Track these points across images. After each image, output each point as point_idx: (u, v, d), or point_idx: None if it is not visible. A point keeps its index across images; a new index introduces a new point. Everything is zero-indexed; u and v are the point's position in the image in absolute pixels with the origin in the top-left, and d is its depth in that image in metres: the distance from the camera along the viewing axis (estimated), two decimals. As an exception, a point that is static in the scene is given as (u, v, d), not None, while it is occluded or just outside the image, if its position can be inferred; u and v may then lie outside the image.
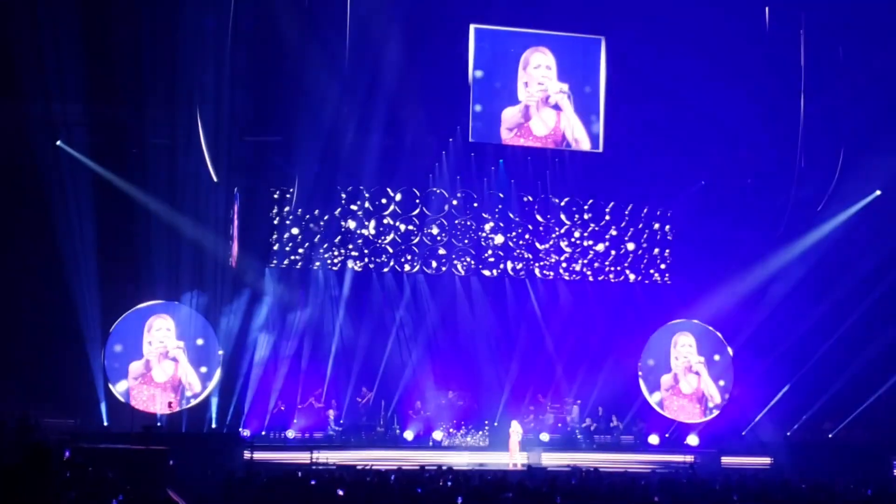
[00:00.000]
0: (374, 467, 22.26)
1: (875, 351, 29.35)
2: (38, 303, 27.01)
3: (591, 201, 31.53)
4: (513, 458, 26.86)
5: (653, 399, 30.59)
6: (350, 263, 29.97)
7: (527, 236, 31.21)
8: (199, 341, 27.83)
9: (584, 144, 30.39)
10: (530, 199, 31.25)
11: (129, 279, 27.41)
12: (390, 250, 30.29)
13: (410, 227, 30.44)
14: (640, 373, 30.77)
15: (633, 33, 29.33)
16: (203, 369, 27.81)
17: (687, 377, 30.91)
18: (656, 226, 31.99)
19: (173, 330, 27.83)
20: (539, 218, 31.31)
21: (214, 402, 27.87)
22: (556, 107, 30.11)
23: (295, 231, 29.62)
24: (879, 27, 28.77)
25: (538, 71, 30.18)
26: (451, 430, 28.93)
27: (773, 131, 30.78)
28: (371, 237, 30.22)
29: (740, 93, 29.43)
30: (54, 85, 25.15)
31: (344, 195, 29.90)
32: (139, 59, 25.42)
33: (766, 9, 29.30)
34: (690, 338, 31.24)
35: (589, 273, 31.62)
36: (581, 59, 30.56)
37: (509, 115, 29.96)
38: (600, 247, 31.63)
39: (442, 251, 30.64)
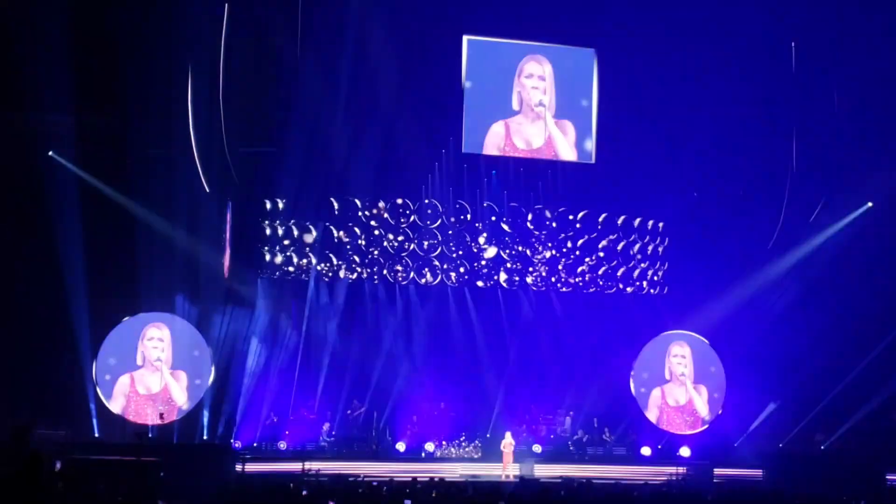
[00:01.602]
0: (365, 479, 22.22)
1: (868, 362, 29.39)
2: (29, 313, 26.91)
3: (583, 213, 31.52)
4: (506, 469, 26.82)
5: (650, 414, 30.50)
6: (342, 274, 29.95)
7: (519, 247, 31.20)
8: (196, 352, 27.76)
9: (570, 155, 30.44)
10: (523, 210, 31.24)
11: (120, 290, 27.32)
12: (382, 261, 30.26)
13: (402, 238, 30.41)
14: (632, 383, 30.70)
15: (625, 45, 29.42)
16: (196, 381, 27.73)
17: (677, 388, 30.86)
18: (648, 237, 32.00)
19: (167, 340, 27.72)
20: (532, 229, 31.29)
21: (206, 413, 27.78)
22: (544, 117, 30.24)
23: (287, 242, 29.59)
24: (872, 39, 28.86)
25: (530, 80, 30.24)
26: (443, 441, 28.87)
27: (766, 143, 30.87)
28: (363, 248, 30.19)
29: (733, 104, 29.51)
30: (46, 96, 25.13)
31: (337, 206, 29.87)
32: (132, 70, 25.41)
33: (759, 22, 29.43)
34: (685, 348, 31.11)
35: (582, 284, 31.61)
36: (574, 71, 30.63)
37: (500, 126, 30.01)
38: (593, 258, 31.62)
39: (435, 262, 30.63)
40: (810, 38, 29.84)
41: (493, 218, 31.01)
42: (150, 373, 27.54)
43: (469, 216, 30.86)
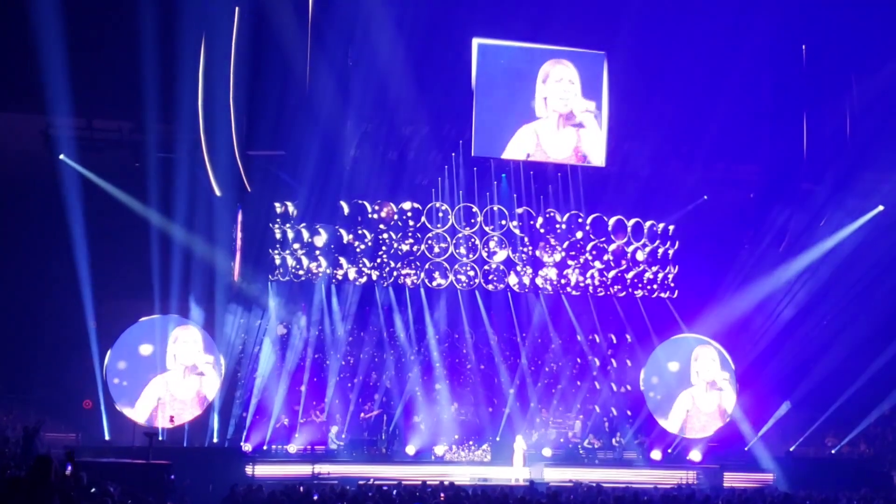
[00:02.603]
0: (375, 482, 22.24)
1: (878, 366, 29.33)
2: (39, 316, 27.03)
3: (594, 216, 31.44)
4: (516, 472, 26.78)
5: (675, 419, 30.36)
6: (352, 277, 29.93)
7: (529, 250, 31.12)
8: (210, 356, 27.84)
9: (599, 160, 30.45)
10: (533, 213, 31.20)
11: (130, 293, 27.39)
12: (393, 264, 30.21)
13: (412, 242, 30.35)
14: (641, 386, 30.67)
15: (635, 48, 29.38)
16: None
17: (706, 392, 30.58)
18: (658, 240, 31.90)
19: (199, 341, 27.67)
20: (542, 232, 31.23)
21: (216, 416, 27.81)
22: (580, 124, 30.18)
23: (297, 245, 29.58)
24: (882, 40, 28.80)
25: (560, 85, 30.18)
26: (453, 444, 28.83)
27: (777, 146, 30.83)
28: (373, 251, 30.14)
29: (743, 107, 29.50)
30: (57, 100, 25.20)
31: (347, 209, 29.86)
32: (142, 73, 25.47)
33: (769, 25, 29.39)
34: (713, 351, 30.90)
35: (591, 288, 31.50)
36: (584, 74, 30.63)
37: (529, 131, 30.03)
38: (603, 261, 31.48)
39: (445, 265, 30.57)
40: (820, 41, 29.77)
41: (504, 222, 30.95)
42: (183, 375, 27.48)
43: (479, 219, 30.81)
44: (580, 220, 31.39)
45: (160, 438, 25.37)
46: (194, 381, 27.53)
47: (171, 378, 27.39)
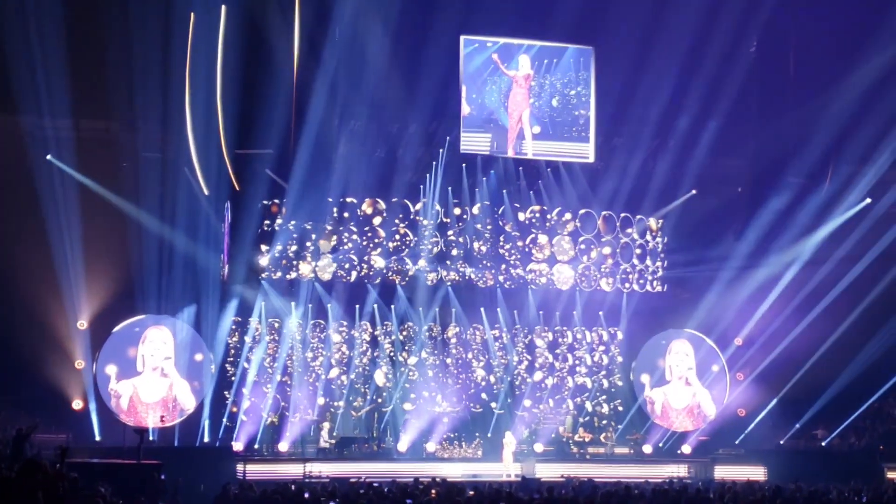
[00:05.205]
0: (367, 480, 22.23)
1: (867, 359, 29.44)
2: (29, 317, 26.92)
3: (582, 211, 31.43)
4: (507, 468, 26.80)
5: (654, 415, 30.60)
6: (342, 274, 29.84)
7: (519, 244, 31.03)
8: (199, 357, 27.77)
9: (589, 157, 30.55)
10: (523, 209, 31.14)
11: (119, 293, 27.34)
12: (382, 261, 30.11)
13: (401, 238, 30.28)
14: (631, 377, 30.84)
15: (623, 43, 29.39)
16: (196, 384, 27.74)
17: (680, 389, 30.84)
18: (648, 235, 31.91)
19: (170, 342, 27.68)
20: (531, 228, 31.18)
21: (206, 415, 27.76)
22: (540, 120, 30.39)
23: (286, 243, 29.45)
24: (869, 38, 28.85)
25: (516, 83, 30.39)
26: (444, 441, 28.81)
27: (764, 140, 30.87)
28: (363, 248, 30.05)
29: (730, 102, 29.55)
30: (45, 100, 25.14)
31: (335, 207, 29.77)
32: (130, 73, 25.42)
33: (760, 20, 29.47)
34: (687, 346, 31.13)
35: (582, 282, 31.46)
36: (572, 69, 30.68)
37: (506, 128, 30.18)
38: (593, 254, 31.42)
39: (434, 261, 30.50)
40: (808, 36, 29.82)
41: (491, 219, 30.86)
42: (153, 377, 27.45)
43: (468, 216, 30.75)
44: (569, 216, 31.34)
45: (151, 439, 25.33)
46: (163, 382, 27.51)
47: (139, 381, 27.37)
